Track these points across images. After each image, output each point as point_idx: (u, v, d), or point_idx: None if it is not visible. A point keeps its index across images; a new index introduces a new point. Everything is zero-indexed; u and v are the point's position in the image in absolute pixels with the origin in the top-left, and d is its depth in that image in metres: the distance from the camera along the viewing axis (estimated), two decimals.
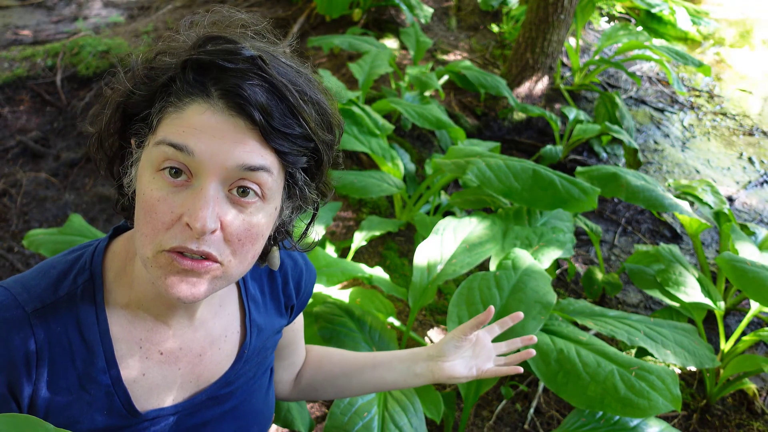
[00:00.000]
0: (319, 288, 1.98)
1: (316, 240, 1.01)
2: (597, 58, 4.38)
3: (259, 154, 0.71)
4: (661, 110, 4.58)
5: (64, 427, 0.82)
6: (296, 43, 0.82)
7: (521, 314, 1.13)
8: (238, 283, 0.97)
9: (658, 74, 5.01)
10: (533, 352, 1.14)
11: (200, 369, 0.92)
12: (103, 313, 0.83)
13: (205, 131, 0.70)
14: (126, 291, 0.85)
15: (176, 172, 0.71)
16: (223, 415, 0.97)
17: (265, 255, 0.92)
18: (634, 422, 1.51)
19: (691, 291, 2.16)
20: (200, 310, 0.91)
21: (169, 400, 0.90)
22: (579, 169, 2.38)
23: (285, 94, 0.71)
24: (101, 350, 0.83)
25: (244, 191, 0.73)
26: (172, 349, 0.89)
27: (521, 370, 1.14)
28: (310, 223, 0.93)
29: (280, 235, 0.88)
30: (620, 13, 5.68)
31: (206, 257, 0.73)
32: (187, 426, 0.93)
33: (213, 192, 0.71)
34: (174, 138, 0.70)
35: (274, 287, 1.03)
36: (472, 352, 1.14)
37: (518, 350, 1.21)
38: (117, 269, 0.86)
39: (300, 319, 1.16)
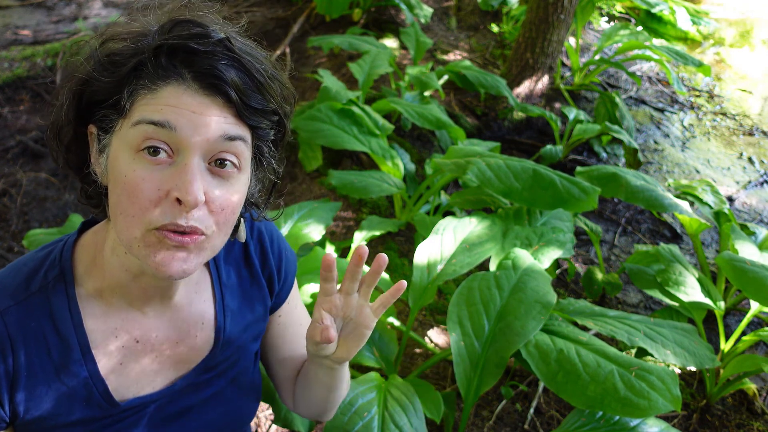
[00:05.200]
0: (318, 288, 1.97)
1: (281, 211, 1.03)
2: (597, 58, 4.38)
3: (236, 126, 0.75)
4: (661, 110, 4.58)
5: (45, 420, 0.84)
6: (245, 24, 0.85)
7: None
8: (210, 270, 0.98)
9: (658, 74, 5.01)
10: (404, 283, 0.90)
11: (178, 356, 0.93)
12: (76, 305, 0.84)
13: (184, 109, 0.72)
14: (98, 282, 0.86)
15: (155, 150, 0.73)
16: (206, 400, 0.98)
17: (236, 227, 0.93)
18: (634, 422, 1.51)
19: (691, 291, 2.16)
20: (176, 297, 0.92)
21: (148, 389, 0.91)
22: (579, 169, 2.38)
23: (253, 72, 0.75)
24: (76, 342, 0.84)
25: (221, 163, 0.76)
26: (148, 336, 0.90)
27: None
28: (272, 190, 0.95)
29: (248, 206, 0.91)
30: (620, 13, 5.68)
31: (193, 231, 0.75)
32: (169, 413, 0.94)
33: (197, 165, 0.73)
34: (154, 116, 0.72)
35: (253, 271, 1.03)
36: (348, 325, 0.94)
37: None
38: (87, 262, 0.87)
39: (292, 313, 1.13)
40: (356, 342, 0.92)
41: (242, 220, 0.94)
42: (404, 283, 0.89)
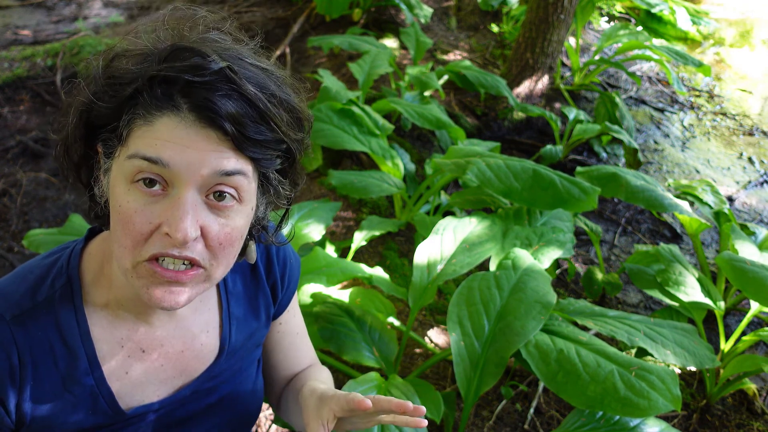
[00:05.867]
0: (319, 288, 1.98)
1: (292, 234, 1.01)
2: (597, 58, 4.38)
3: (234, 160, 0.72)
4: (661, 110, 4.58)
5: (50, 428, 0.84)
6: (261, 40, 0.81)
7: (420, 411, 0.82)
8: None
9: (658, 74, 5.01)
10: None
11: (183, 364, 0.93)
12: (83, 315, 0.84)
13: (178, 143, 0.69)
14: (105, 292, 0.86)
15: (150, 182, 0.71)
16: (209, 408, 0.98)
17: (243, 250, 0.92)
18: (634, 422, 1.50)
19: (691, 291, 2.16)
20: None
21: (153, 396, 0.91)
22: (579, 169, 2.38)
23: (255, 102, 0.71)
24: (83, 352, 0.84)
25: (220, 195, 0.73)
26: (154, 346, 0.90)
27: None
28: (283, 217, 0.93)
29: (256, 230, 0.89)
30: (620, 13, 5.68)
31: (191, 262, 0.74)
32: (173, 420, 0.94)
33: (191, 200, 0.71)
34: (147, 152, 0.70)
35: (258, 279, 1.02)
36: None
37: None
38: (94, 271, 0.87)
39: (290, 321, 1.12)
40: (349, 428, 0.89)
41: (251, 242, 0.93)
42: (424, 423, 0.81)
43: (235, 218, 0.76)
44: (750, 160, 4.12)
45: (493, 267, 1.86)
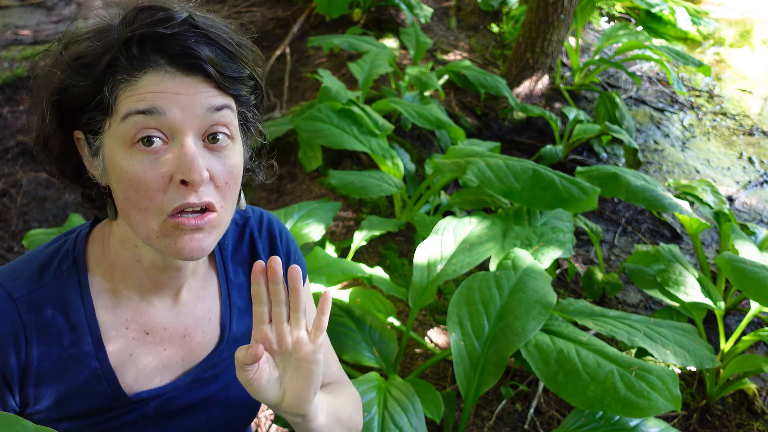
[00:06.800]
0: (319, 288, 1.98)
1: (275, 172, 1.02)
2: (597, 58, 4.38)
3: (220, 98, 0.77)
4: (661, 110, 4.58)
5: (54, 410, 0.85)
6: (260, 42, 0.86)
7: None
8: (216, 268, 0.99)
9: (658, 74, 5.01)
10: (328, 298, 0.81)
11: (185, 351, 0.94)
12: (89, 296, 0.85)
13: (168, 92, 0.73)
14: (109, 274, 0.87)
15: (148, 140, 0.73)
16: (209, 398, 0.98)
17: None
18: (634, 422, 1.51)
19: (691, 291, 2.16)
20: (184, 291, 0.93)
21: (155, 382, 0.92)
22: (579, 169, 2.37)
23: (223, 44, 0.76)
24: (88, 333, 0.85)
25: (214, 138, 0.77)
26: (158, 329, 0.91)
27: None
28: (261, 150, 0.95)
29: (245, 173, 0.92)
30: (620, 13, 5.68)
31: (207, 207, 0.76)
32: (174, 408, 0.94)
33: (194, 144, 0.74)
34: (140, 106, 0.73)
35: None
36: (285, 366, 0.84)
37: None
38: (99, 254, 0.88)
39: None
40: (304, 383, 0.81)
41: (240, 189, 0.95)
42: (329, 293, 0.81)
43: (232, 155, 0.79)
44: (750, 160, 4.12)
45: (493, 267, 1.86)
